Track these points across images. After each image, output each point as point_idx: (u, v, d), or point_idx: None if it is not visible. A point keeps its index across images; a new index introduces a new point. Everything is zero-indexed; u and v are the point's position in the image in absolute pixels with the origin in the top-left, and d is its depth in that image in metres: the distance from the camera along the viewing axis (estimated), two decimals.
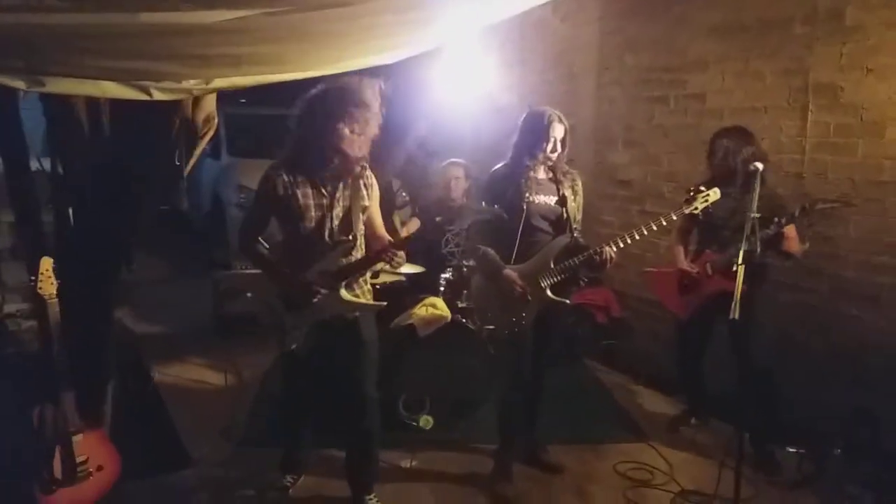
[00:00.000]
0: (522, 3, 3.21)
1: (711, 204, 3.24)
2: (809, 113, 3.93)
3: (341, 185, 2.97)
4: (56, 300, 2.75)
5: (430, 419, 3.96)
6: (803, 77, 3.95)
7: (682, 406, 4.38)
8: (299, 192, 2.91)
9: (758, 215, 3.01)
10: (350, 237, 2.93)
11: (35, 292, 2.74)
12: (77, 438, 2.82)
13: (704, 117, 4.61)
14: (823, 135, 3.87)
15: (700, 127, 4.61)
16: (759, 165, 3.05)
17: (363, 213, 3.02)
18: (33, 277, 2.74)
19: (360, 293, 3.08)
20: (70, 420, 2.81)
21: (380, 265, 3.90)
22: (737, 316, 2.77)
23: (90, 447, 2.87)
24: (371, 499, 3.22)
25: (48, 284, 2.73)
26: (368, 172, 3.02)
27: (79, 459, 2.82)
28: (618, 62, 5.32)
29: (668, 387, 4.70)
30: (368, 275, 3.19)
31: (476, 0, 2.79)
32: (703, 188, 3.25)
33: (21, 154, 2.96)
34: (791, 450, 3.71)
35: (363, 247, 3.05)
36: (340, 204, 2.97)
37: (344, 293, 2.95)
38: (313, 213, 2.93)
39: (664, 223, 3.28)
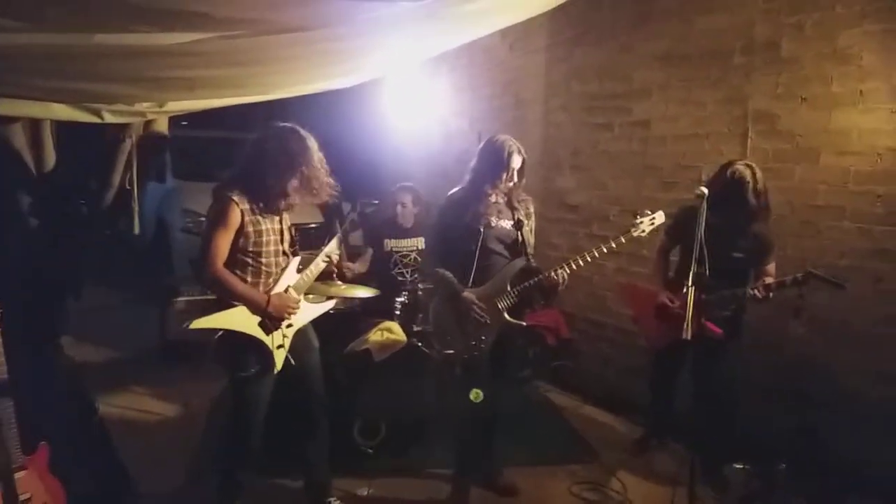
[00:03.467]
0: (469, 33, 3.28)
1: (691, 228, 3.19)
2: (749, 139, 4.10)
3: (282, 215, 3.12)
4: None
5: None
6: (742, 105, 4.12)
7: (632, 425, 4.45)
8: (257, 218, 2.95)
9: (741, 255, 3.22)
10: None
11: None
12: (20, 475, 2.70)
13: (649, 143, 4.75)
14: (762, 160, 4.01)
15: (645, 153, 4.75)
16: (704, 190, 3.12)
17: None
18: None
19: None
20: (13, 455, 2.68)
21: (332, 289, 3.93)
22: (689, 336, 2.84)
23: (34, 484, 2.75)
24: (334, 500, 3.35)
25: None
26: None
27: (22, 497, 2.70)
28: (564, 89, 5.45)
29: (617, 407, 4.78)
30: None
31: (424, 30, 2.83)
32: (648, 211, 3.36)
33: None
34: (738, 466, 3.80)
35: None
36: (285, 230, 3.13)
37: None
38: (267, 238, 2.99)
39: (614, 246, 3.37)
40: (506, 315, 3.34)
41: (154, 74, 2.57)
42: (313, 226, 6.09)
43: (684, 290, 3.33)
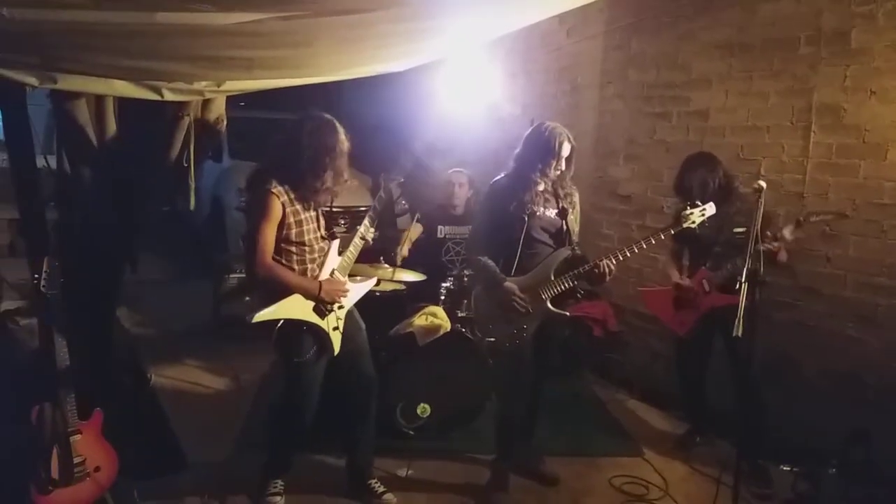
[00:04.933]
0: (530, 16, 3.24)
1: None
2: (812, 133, 3.96)
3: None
4: (58, 299, 2.73)
5: (427, 407, 3.94)
6: (807, 97, 3.98)
7: (677, 421, 4.39)
8: (296, 208, 3.01)
9: (741, 230, 3.16)
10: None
11: (37, 290, 2.73)
12: (75, 439, 2.81)
13: (707, 134, 4.63)
14: (825, 155, 3.89)
15: (702, 144, 4.63)
16: (763, 184, 3.06)
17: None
18: (37, 275, 2.72)
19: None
20: (69, 420, 2.79)
21: (378, 272, 3.98)
22: (740, 333, 2.78)
23: (88, 448, 2.86)
24: (376, 482, 3.38)
25: (51, 283, 2.72)
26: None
27: (76, 460, 2.81)
28: (621, 77, 5.36)
29: (663, 402, 4.72)
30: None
31: (486, 12, 2.81)
32: (699, 202, 3.32)
33: (28, 151, 2.94)
34: (786, 468, 3.72)
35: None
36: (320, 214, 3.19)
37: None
38: (307, 226, 3.06)
39: (662, 237, 3.34)
40: (549, 304, 3.31)
41: (213, 54, 2.61)
42: (363, 208, 6.13)
43: (700, 277, 3.75)
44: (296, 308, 2.99)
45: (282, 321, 2.97)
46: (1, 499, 2.88)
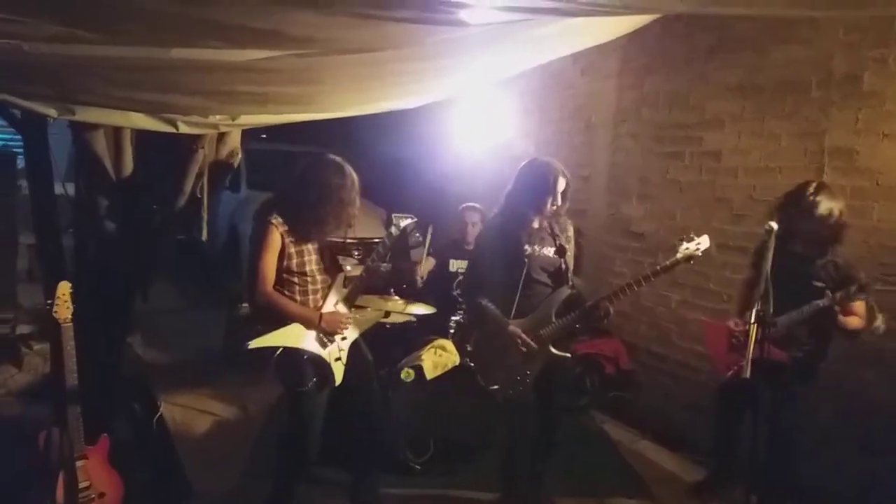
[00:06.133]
0: (544, 55, 3.29)
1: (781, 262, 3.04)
2: (825, 175, 3.94)
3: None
4: (71, 324, 2.78)
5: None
6: (819, 140, 3.98)
7: (690, 464, 4.31)
8: (297, 239, 3.06)
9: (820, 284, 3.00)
10: None
11: (50, 316, 2.77)
12: (81, 464, 2.82)
13: (719, 174, 4.64)
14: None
15: (714, 184, 4.64)
16: (774, 225, 3.03)
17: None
18: (50, 301, 2.77)
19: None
20: (76, 445, 2.81)
21: (389, 304, 3.99)
22: (747, 375, 2.74)
23: (94, 473, 2.87)
24: None
25: (64, 309, 2.77)
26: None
27: (82, 485, 2.82)
28: (635, 116, 5.39)
29: (676, 443, 4.64)
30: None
31: (498, 52, 2.86)
32: (693, 235, 3.20)
33: (47, 179, 3.03)
34: None
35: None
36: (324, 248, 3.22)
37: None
38: (308, 257, 3.10)
39: (659, 271, 3.23)
40: (551, 347, 3.21)
41: (227, 89, 2.69)
42: (377, 240, 6.17)
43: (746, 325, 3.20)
44: (294, 336, 3.01)
45: (281, 349, 2.99)
46: None
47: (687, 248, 3.16)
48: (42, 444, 2.82)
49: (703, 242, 3.18)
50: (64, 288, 2.78)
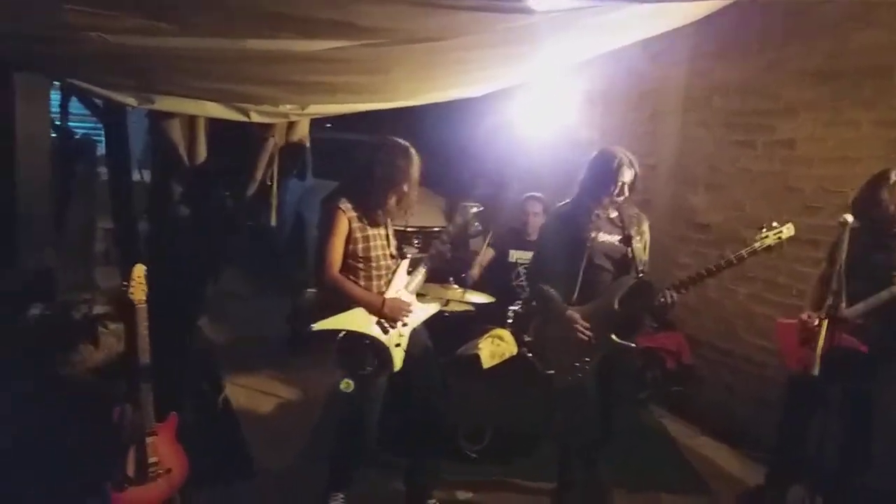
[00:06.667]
0: (613, 42, 3.23)
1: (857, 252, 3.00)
2: None
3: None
4: (145, 306, 2.88)
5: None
6: None
7: (750, 461, 4.21)
8: (364, 225, 3.10)
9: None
10: None
11: (125, 297, 2.88)
12: (151, 440, 2.93)
13: (793, 164, 4.48)
14: None
15: (787, 174, 4.49)
16: (849, 218, 2.92)
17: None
18: (125, 283, 2.87)
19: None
20: (147, 421, 2.92)
21: (448, 293, 4.01)
22: (816, 372, 2.66)
23: (162, 449, 2.98)
24: (435, 502, 3.40)
25: (139, 291, 2.86)
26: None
27: (151, 460, 2.93)
28: (704, 104, 5.24)
29: (736, 440, 4.54)
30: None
31: (566, 38, 2.82)
32: (775, 224, 3.10)
33: (125, 166, 3.14)
34: None
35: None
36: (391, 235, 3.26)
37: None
38: (374, 243, 3.13)
39: (734, 261, 3.14)
40: (613, 336, 3.18)
41: (298, 79, 2.73)
42: (436, 229, 6.21)
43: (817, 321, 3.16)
44: (357, 321, 3.06)
45: (343, 332, 3.04)
46: (79, 494, 3.03)
47: (768, 236, 3.07)
48: (116, 420, 2.93)
49: (787, 230, 3.08)
50: (139, 271, 2.87)
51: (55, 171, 3.31)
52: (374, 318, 3.08)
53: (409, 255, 3.35)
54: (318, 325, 3.01)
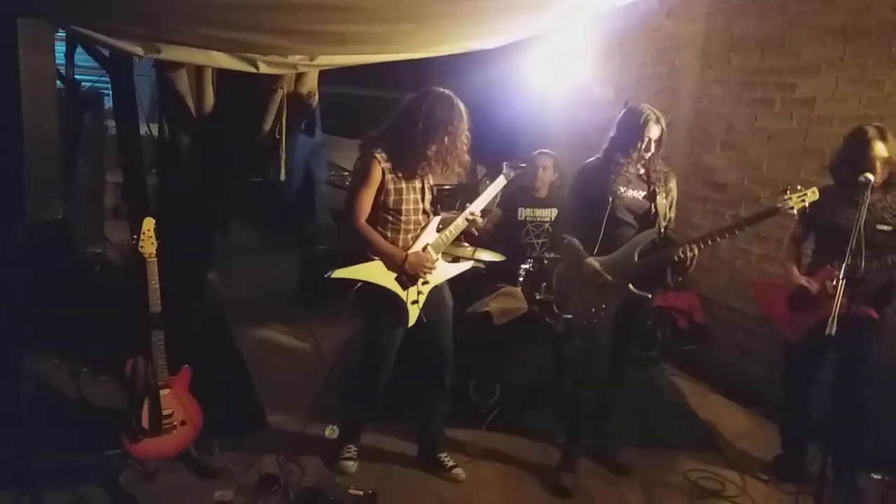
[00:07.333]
0: None
1: (832, 212, 3.12)
2: None
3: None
4: (155, 259, 2.88)
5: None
6: None
7: (761, 419, 4.24)
8: (398, 177, 3.03)
9: (886, 228, 2.92)
10: None
11: (135, 250, 2.88)
12: (164, 392, 2.97)
13: (812, 124, 4.39)
14: None
15: (806, 133, 4.40)
16: (870, 177, 2.87)
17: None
18: (135, 236, 2.87)
19: None
20: (160, 374, 2.95)
21: (458, 251, 3.99)
22: (833, 332, 2.63)
23: (176, 402, 3.02)
24: (447, 456, 3.43)
25: (149, 244, 2.86)
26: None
27: (165, 412, 2.97)
28: (722, 61, 5.13)
29: (747, 399, 4.56)
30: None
31: None
32: (799, 187, 3.08)
33: (133, 119, 3.11)
34: (877, 476, 3.52)
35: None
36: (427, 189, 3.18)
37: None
38: (407, 196, 3.07)
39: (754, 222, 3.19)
40: (630, 286, 3.24)
41: (307, 28, 2.67)
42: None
43: (824, 277, 3.27)
44: (375, 272, 3.03)
45: (360, 283, 3.02)
46: (94, 445, 3.08)
47: (790, 199, 3.07)
48: (129, 372, 2.96)
49: (811, 195, 3.07)
50: (148, 224, 2.87)
51: (63, 124, 3.27)
52: (394, 273, 3.06)
53: (441, 214, 3.29)
54: (337, 273, 2.98)
